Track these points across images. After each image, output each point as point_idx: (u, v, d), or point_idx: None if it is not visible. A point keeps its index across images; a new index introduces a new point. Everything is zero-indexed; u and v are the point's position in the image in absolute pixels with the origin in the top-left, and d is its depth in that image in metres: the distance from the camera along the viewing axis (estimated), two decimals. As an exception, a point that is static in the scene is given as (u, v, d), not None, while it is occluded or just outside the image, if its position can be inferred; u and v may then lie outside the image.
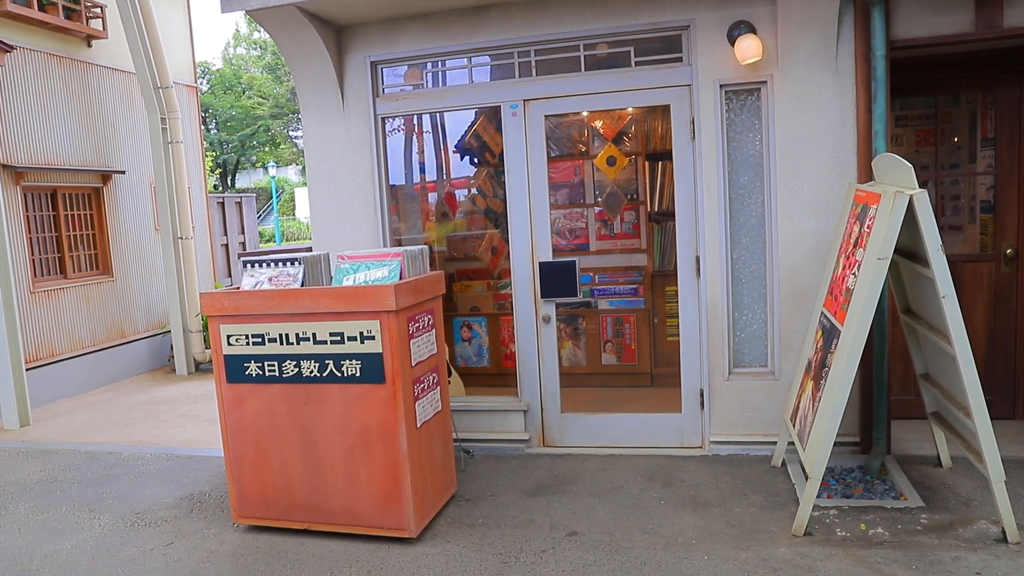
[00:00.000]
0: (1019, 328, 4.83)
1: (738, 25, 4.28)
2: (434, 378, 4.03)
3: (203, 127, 10.58)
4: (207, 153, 10.04)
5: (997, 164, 4.81)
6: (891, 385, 4.32)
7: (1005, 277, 4.85)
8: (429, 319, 4.00)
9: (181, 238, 8.39)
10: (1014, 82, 4.72)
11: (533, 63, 4.72)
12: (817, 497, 3.61)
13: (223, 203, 13.46)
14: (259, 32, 33.59)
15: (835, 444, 3.51)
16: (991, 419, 3.33)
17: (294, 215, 31.66)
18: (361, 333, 3.64)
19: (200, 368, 8.63)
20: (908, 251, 3.72)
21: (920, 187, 3.28)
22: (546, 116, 4.74)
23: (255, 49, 34.48)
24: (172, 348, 8.69)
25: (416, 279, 3.85)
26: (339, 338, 3.68)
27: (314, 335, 3.72)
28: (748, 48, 4.19)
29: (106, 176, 8.44)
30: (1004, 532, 3.36)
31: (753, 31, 4.26)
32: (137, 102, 8.86)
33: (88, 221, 8.34)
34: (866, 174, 4.21)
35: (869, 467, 4.15)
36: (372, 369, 3.65)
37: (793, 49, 4.26)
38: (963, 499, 3.81)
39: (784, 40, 4.25)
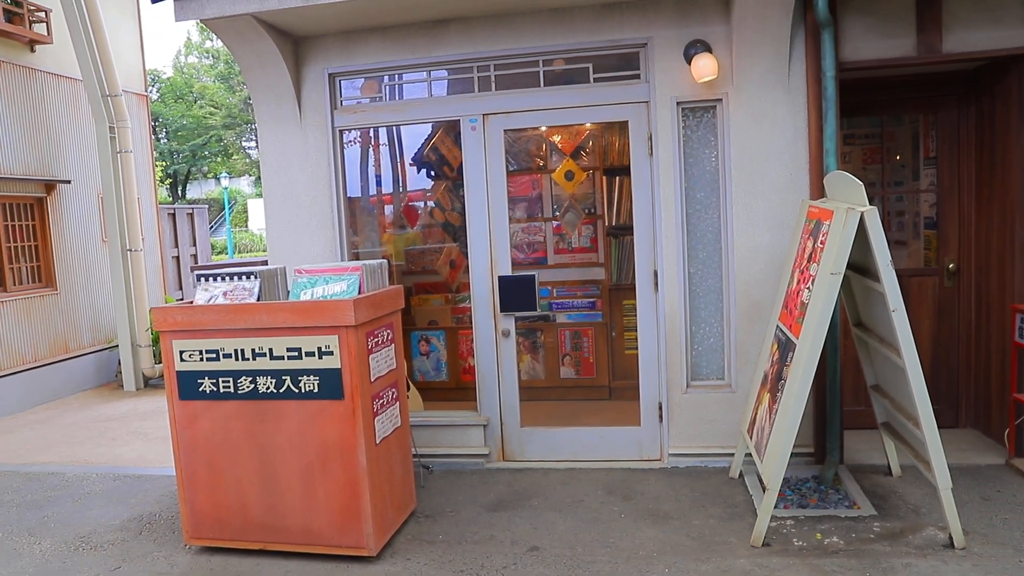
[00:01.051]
0: (961, 340, 5.02)
1: (694, 44, 4.37)
2: (393, 393, 3.99)
3: (153, 136, 10.33)
4: (157, 163, 9.78)
5: (939, 182, 5.00)
6: (843, 396, 4.43)
7: (948, 291, 5.03)
8: (388, 334, 3.96)
9: (130, 250, 8.15)
10: (953, 104, 4.93)
11: (492, 78, 4.74)
12: (774, 508, 3.67)
13: (174, 214, 13.14)
14: (211, 40, 33.02)
15: (791, 455, 3.57)
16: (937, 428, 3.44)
17: (247, 227, 31.07)
18: (319, 348, 3.58)
19: (149, 384, 8.37)
20: (859, 266, 3.83)
21: (869, 204, 3.39)
22: (505, 131, 4.76)
23: (207, 58, 33.87)
24: (120, 363, 8.41)
25: (375, 293, 3.80)
26: (297, 353, 3.61)
27: (271, 351, 3.64)
28: (704, 66, 4.28)
29: (50, 186, 8.15)
30: (951, 538, 3.46)
31: (709, 50, 4.35)
32: (84, 110, 8.59)
33: (31, 232, 8.04)
34: (818, 190, 4.33)
35: (823, 477, 4.24)
36: (330, 385, 3.58)
37: (747, 68, 4.37)
38: (912, 507, 3.92)
39: (739, 59, 4.36)
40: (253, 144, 33.26)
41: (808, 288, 3.62)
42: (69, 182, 8.40)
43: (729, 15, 4.35)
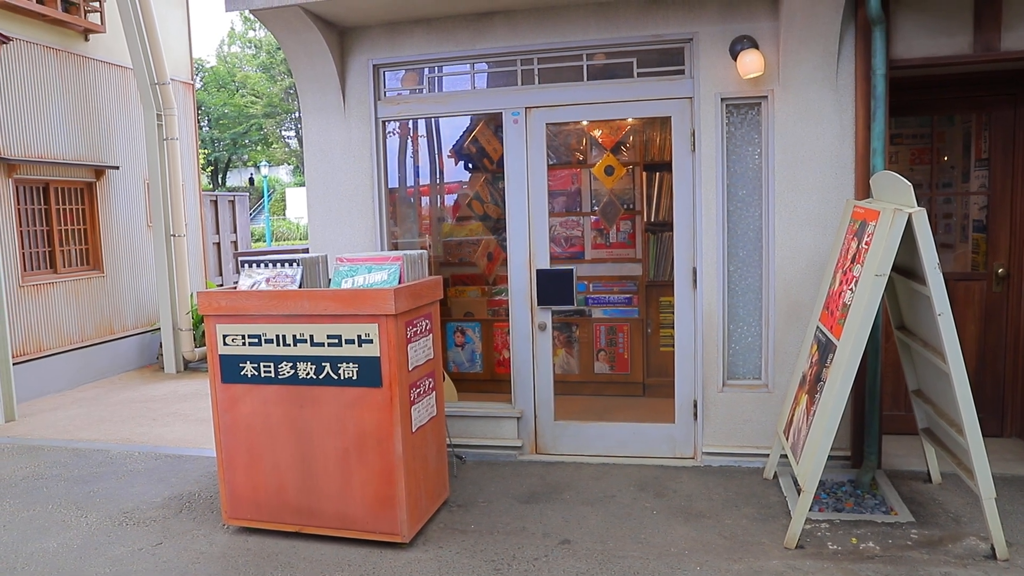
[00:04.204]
0: (1008, 346, 4.89)
1: (740, 40, 4.32)
2: (430, 383, 4.03)
3: (197, 124, 10.55)
4: (199, 150, 9.99)
5: (990, 185, 4.87)
6: (883, 400, 4.35)
7: (996, 296, 4.90)
8: (427, 324, 4.00)
9: (174, 235, 8.34)
10: (1008, 104, 4.79)
11: (536, 71, 4.74)
12: (809, 510, 3.63)
13: (216, 201, 13.39)
14: (254, 30, 33.53)
15: (827, 458, 3.53)
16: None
17: (284, 215, 31.55)
18: (359, 336, 3.63)
19: (189, 367, 8.57)
20: (904, 268, 3.76)
21: (917, 205, 3.32)
22: (547, 124, 4.76)
23: (249, 47, 34.40)
24: (161, 346, 8.63)
25: (415, 283, 3.84)
26: (337, 341, 3.67)
27: (311, 337, 3.71)
28: (750, 63, 4.23)
29: (99, 171, 8.38)
30: (993, 549, 3.39)
31: (755, 46, 4.30)
32: (133, 98, 8.81)
33: (80, 216, 8.28)
34: (864, 190, 4.26)
35: (860, 481, 4.18)
36: (369, 372, 3.64)
37: (794, 65, 4.30)
38: (953, 515, 3.84)
39: (785, 56, 4.30)
40: (292, 134, 33.73)
41: (851, 289, 3.57)
42: (118, 168, 8.62)
43: (777, 11, 4.29)
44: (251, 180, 31.76)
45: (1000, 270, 4.86)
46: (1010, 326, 4.87)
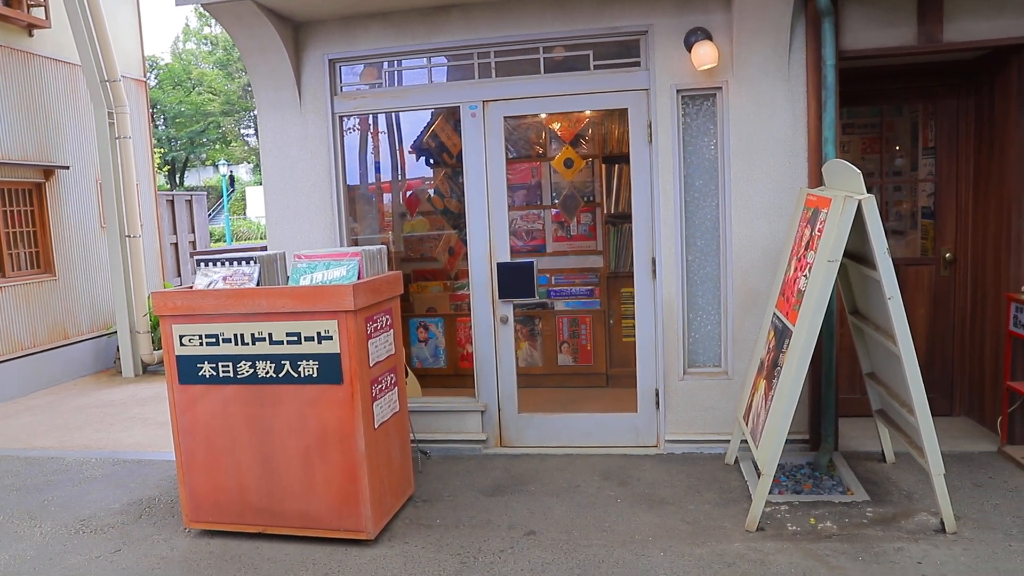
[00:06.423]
0: (956, 329, 5.05)
1: (695, 32, 4.37)
2: (392, 379, 4.01)
3: (151, 123, 10.32)
4: (155, 150, 9.77)
5: (937, 172, 5.01)
6: (839, 384, 4.46)
7: (944, 280, 5.05)
8: (387, 319, 3.97)
9: (129, 236, 8.14)
10: (952, 94, 4.93)
11: (493, 64, 4.74)
12: (769, 493, 3.70)
13: (173, 201, 13.12)
14: (210, 27, 32.84)
15: (786, 441, 3.60)
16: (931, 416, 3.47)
17: (245, 214, 31.00)
18: (319, 333, 3.60)
19: (148, 370, 8.38)
20: (856, 254, 3.85)
21: (867, 193, 3.40)
22: (505, 117, 4.76)
23: (206, 44, 33.68)
24: (118, 349, 8.43)
25: (375, 279, 3.82)
26: (296, 338, 3.63)
27: (270, 335, 3.66)
28: (704, 54, 4.28)
29: (49, 171, 8.14)
30: (943, 523, 3.51)
31: (709, 38, 4.35)
32: (83, 95, 8.56)
33: (29, 218, 8.03)
34: (816, 179, 4.35)
35: (818, 463, 4.28)
36: (330, 370, 3.60)
37: (747, 56, 4.37)
38: (905, 492, 3.96)
39: (739, 47, 4.36)
40: (252, 131, 33.13)
41: (805, 276, 3.64)
42: (68, 168, 8.38)
43: (730, 3, 4.35)
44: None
45: (947, 255, 5.01)
46: (957, 308, 5.02)
